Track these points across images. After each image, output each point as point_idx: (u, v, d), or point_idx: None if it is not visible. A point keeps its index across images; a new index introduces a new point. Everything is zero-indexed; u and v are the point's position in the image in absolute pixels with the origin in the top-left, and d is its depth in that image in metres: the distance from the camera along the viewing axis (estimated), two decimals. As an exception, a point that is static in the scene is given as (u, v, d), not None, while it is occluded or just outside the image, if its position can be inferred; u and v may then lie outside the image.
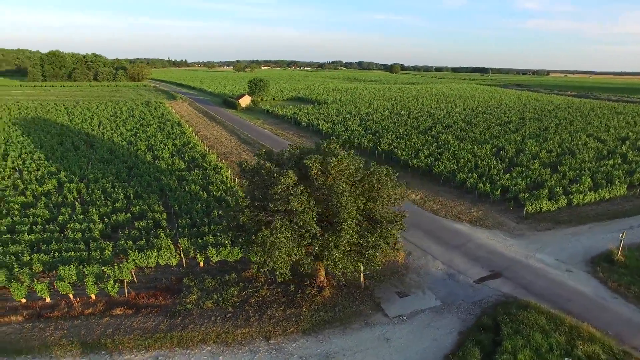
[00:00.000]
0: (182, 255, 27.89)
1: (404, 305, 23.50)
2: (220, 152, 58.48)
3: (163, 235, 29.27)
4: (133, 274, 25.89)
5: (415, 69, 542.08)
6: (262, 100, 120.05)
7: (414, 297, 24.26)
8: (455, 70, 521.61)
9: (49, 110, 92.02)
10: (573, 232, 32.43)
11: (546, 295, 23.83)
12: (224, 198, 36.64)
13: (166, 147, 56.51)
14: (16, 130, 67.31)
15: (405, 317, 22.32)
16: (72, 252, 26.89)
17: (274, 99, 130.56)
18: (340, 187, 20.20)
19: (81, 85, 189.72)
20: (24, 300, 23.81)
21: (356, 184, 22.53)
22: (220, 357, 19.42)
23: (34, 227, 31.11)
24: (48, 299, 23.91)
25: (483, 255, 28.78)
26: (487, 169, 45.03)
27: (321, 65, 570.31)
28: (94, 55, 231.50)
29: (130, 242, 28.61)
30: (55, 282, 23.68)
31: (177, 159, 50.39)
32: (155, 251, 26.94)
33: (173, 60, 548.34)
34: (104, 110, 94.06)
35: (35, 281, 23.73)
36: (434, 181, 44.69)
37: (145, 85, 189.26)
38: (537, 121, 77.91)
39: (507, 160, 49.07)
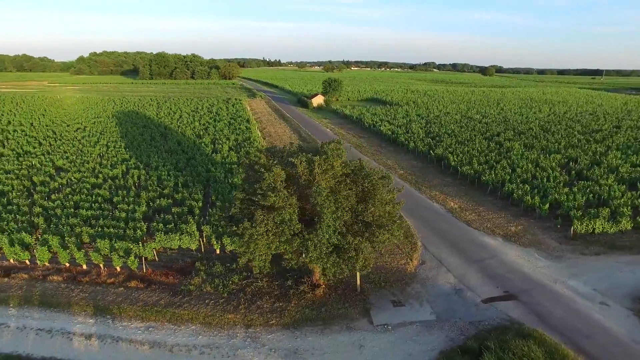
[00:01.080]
0: (201, 241, 30.10)
1: (394, 314, 22.62)
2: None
3: (191, 222, 31.84)
4: (155, 253, 28.73)
5: (515, 71, 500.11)
6: (336, 99, 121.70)
7: (408, 308, 23.18)
8: (562, 72, 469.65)
9: (144, 104, 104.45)
10: (630, 260, 27.82)
11: (561, 327, 21.02)
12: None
13: (227, 142, 60.63)
14: (112, 121, 77.79)
15: (390, 327, 21.49)
16: (112, 229, 30.68)
17: (348, 99, 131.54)
18: (319, 187, 20.20)
19: (179, 82, 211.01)
20: (67, 265, 27.93)
21: (349, 185, 22.27)
22: (200, 337, 20.80)
23: (93, 204, 36.04)
24: (84, 266, 27.72)
25: (503, 273, 26.23)
26: (544, 180, 40.49)
27: (412, 67, 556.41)
28: (193, 55, 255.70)
29: (161, 224, 31.67)
30: (90, 252, 27.34)
31: (232, 152, 53.86)
32: (178, 235, 29.52)
33: (267, 60, 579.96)
34: (187, 105, 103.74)
35: (77, 250, 27.63)
36: (481, 190, 41.50)
37: (234, 84, 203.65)
38: (636, 130, 67.36)
39: (574, 172, 43.49)
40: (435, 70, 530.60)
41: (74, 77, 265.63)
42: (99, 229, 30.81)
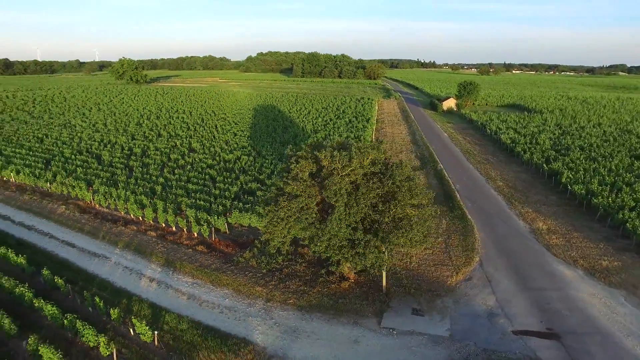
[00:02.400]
0: (266, 222, 33.71)
1: (406, 321, 21.97)
2: (388, 149, 61.49)
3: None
4: (227, 226, 33.44)
5: None
6: (471, 104, 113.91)
7: (425, 319, 22.15)
8: None
9: (283, 100, 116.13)
10: None
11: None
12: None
13: (338, 138, 63.93)
14: (250, 113, 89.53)
15: (395, 332, 21.08)
16: (203, 202, 36.73)
17: (486, 103, 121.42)
18: (331, 180, 21.05)
19: (325, 80, 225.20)
20: (163, 225, 34.86)
21: (375, 184, 22.40)
22: (226, 300, 24.07)
23: (200, 181, 43.39)
24: (174, 228, 34.17)
25: (559, 309, 22.44)
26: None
27: (591, 70, 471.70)
28: (342, 55, 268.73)
29: (241, 204, 36.47)
30: (178, 218, 33.58)
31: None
32: (249, 214, 33.73)
33: (421, 61, 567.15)
34: (320, 102, 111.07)
35: (173, 215, 34.25)
36: (589, 215, 34.86)
37: (376, 84, 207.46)
38: None
39: None
40: (622, 73, 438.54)
41: (242, 74, 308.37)
42: (194, 201, 37.25)
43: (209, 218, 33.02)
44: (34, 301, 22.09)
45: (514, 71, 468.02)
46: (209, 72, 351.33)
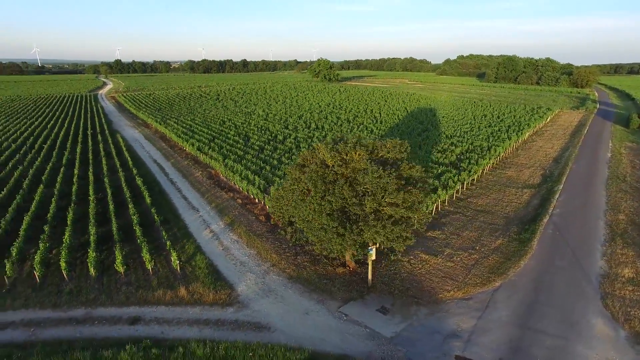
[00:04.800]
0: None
1: (365, 313, 22.85)
2: (519, 163, 55.84)
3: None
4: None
5: None
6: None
7: (383, 318, 22.49)
8: None
9: (450, 104, 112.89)
10: None
11: None
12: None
13: (463, 145, 60.86)
14: (401, 115, 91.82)
15: (345, 317, 22.54)
16: (276, 178, 42.96)
17: None
18: (310, 169, 23.56)
19: (517, 87, 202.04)
20: (251, 196, 42.78)
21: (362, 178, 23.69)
22: (246, 258, 29.48)
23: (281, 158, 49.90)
24: (252, 196, 41.60)
25: (540, 355, 19.04)
26: None
27: None
28: (547, 59, 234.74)
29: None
30: (251, 187, 40.78)
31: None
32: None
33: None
34: (488, 109, 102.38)
35: (252, 185, 41.80)
36: None
37: (579, 92, 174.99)
38: None
39: None
40: None
41: (434, 77, 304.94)
42: (269, 175, 43.87)
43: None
44: (138, 229, 32.59)
45: None
46: (402, 74, 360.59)
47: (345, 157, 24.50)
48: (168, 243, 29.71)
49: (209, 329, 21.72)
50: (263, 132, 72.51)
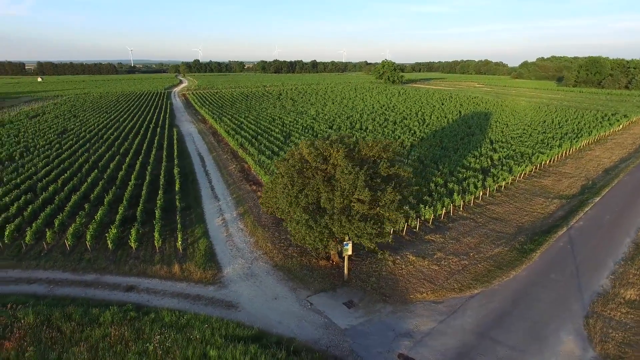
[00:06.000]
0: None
1: (329, 305, 23.78)
2: (562, 172, 52.22)
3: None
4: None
5: None
6: None
7: (346, 311, 23.23)
8: None
9: (505, 108, 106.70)
10: None
11: None
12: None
13: (503, 151, 57.96)
14: (450, 118, 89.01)
15: (309, 305, 23.66)
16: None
17: None
18: (285, 163, 24.93)
19: (600, 92, 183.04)
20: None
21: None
22: (244, 244, 31.67)
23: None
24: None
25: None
26: None
27: None
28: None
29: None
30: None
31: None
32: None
33: None
34: (550, 115, 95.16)
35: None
36: None
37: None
38: None
39: None
40: None
41: (507, 81, 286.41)
42: None
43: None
44: (158, 212, 36.45)
45: None
46: (473, 77, 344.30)
47: (324, 153, 25.51)
48: (179, 226, 32.97)
49: (187, 302, 24.17)
50: (307, 130, 74.79)
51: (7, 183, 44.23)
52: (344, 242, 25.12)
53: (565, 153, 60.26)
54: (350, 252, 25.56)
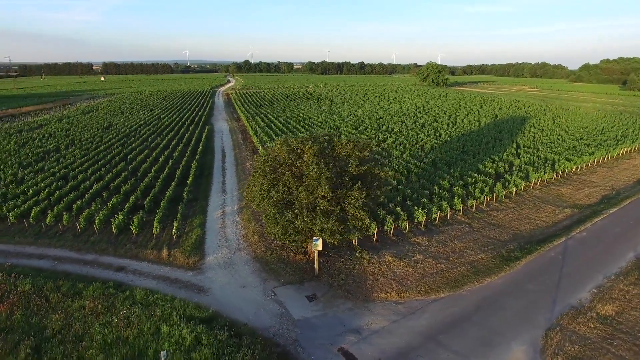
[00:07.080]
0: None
1: (292, 296, 24.69)
2: (586, 181, 49.30)
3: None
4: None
5: None
6: None
7: (306, 304, 23.97)
8: None
9: (548, 114, 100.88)
10: None
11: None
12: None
13: (525, 157, 55.45)
14: (482, 122, 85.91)
15: (272, 296, 24.69)
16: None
17: None
18: (259, 159, 26.07)
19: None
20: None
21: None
22: (236, 237, 33.29)
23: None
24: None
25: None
26: None
27: None
28: None
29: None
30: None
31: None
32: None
33: None
34: (596, 122, 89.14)
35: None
36: None
37: None
38: None
39: None
40: None
41: (563, 84, 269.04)
42: None
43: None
44: (164, 202, 39.18)
45: None
46: (526, 80, 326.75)
47: (297, 150, 26.38)
48: (178, 215, 35.31)
49: (165, 284, 26.12)
50: (331, 130, 75.52)
51: (47, 171, 49.38)
52: (314, 238, 25.85)
53: (599, 161, 56.28)
54: (320, 248, 26.19)
